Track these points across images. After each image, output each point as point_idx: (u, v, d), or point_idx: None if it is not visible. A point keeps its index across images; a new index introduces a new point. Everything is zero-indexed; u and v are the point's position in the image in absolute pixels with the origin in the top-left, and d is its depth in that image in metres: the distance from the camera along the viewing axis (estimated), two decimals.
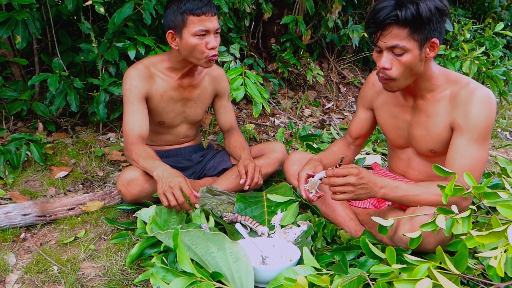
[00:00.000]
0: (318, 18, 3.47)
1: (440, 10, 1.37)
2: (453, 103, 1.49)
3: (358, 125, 1.85)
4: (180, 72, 1.91)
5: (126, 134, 1.83)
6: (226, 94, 2.14)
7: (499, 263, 0.93)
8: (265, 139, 2.88)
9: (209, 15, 1.73)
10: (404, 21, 1.34)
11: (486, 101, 1.43)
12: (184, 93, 1.97)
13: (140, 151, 1.74)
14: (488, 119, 1.43)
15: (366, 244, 1.37)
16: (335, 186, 1.42)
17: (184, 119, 2.04)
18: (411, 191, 1.44)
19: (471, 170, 1.40)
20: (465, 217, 1.07)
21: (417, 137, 1.62)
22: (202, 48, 1.76)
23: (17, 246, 1.63)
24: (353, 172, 1.39)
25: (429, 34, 1.38)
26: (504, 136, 3.32)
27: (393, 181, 1.46)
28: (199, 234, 1.31)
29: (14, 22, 2.11)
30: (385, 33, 1.38)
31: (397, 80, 1.44)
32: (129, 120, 1.83)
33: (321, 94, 3.78)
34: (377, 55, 1.47)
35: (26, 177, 2.11)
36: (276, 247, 1.55)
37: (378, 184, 1.42)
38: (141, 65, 1.88)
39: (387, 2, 1.38)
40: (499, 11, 4.98)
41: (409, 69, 1.42)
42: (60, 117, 2.65)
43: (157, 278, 1.24)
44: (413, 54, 1.39)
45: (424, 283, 0.93)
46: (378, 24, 1.39)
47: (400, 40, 1.37)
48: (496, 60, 3.72)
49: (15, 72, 2.53)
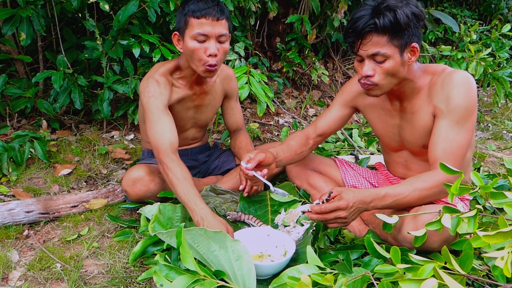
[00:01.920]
0: (324, 17, 3.46)
1: (416, 16, 1.40)
2: (432, 91, 1.49)
3: (330, 122, 1.80)
4: (190, 79, 1.83)
5: (158, 145, 1.66)
6: (235, 94, 2.09)
7: (506, 264, 0.91)
8: (269, 139, 2.87)
9: (210, 19, 1.62)
10: (383, 28, 1.36)
11: (465, 82, 1.43)
12: (196, 100, 1.91)
13: (177, 173, 1.59)
14: (468, 100, 1.43)
15: (370, 243, 1.36)
16: (326, 221, 1.38)
17: (194, 123, 2.01)
18: (398, 195, 1.39)
19: (454, 153, 1.41)
20: (471, 216, 1.05)
21: (407, 137, 1.61)
22: (200, 55, 1.65)
23: (20, 243, 1.63)
24: (341, 206, 1.33)
25: (409, 40, 1.40)
26: (509, 137, 3.29)
27: (380, 190, 1.40)
28: (200, 233, 1.30)
29: (19, 19, 2.12)
30: (365, 42, 1.40)
31: (380, 85, 1.45)
32: (159, 129, 1.68)
33: (326, 94, 3.77)
34: (358, 64, 1.48)
35: (30, 175, 2.11)
36: (271, 236, 1.56)
37: (367, 202, 1.37)
38: (157, 73, 1.77)
39: (364, 11, 1.41)
40: (506, 12, 4.96)
41: (391, 74, 1.44)
42: (64, 114, 2.65)
43: (160, 276, 1.24)
44: (395, 60, 1.41)
45: (430, 283, 0.92)
46: (357, 33, 1.40)
47: (380, 48, 1.39)
48: (502, 62, 3.70)
49: (19, 69, 2.53)
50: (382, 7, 1.38)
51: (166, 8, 2.32)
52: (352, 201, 1.34)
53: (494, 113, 3.91)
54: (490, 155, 2.82)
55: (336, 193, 1.37)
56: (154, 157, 1.73)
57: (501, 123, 3.62)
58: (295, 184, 1.86)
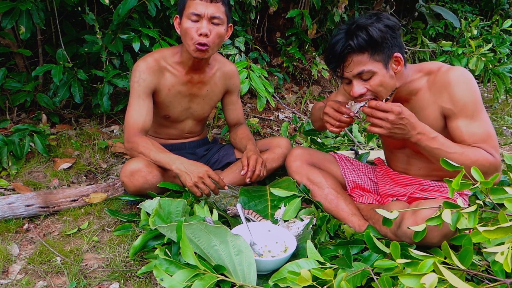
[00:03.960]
0: (324, 12, 3.45)
1: (391, 27, 1.41)
2: (433, 91, 1.50)
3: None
4: (187, 65, 1.87)
5: (129, 126, 1.81)
6: (236, 90, 2.10)
7: (506, 259, 0.92)
8: (269, 133, 2.87)
9: (204, 0, 1.69)
10: (360, 48, 1.39)
11: (463, 78, 1.45)
12: (192, 89, 1.94)
13: (148, 144, 1.75)
14: (473, 94, 1.44)
15: (370, 238, 1.36)
16: (374, 118, 1.41)
17: (190, 114, 2.02)
18: (446, 147, 1.41)
19: (485, 140, 1.43)
20: (472, 211, 1.06)
21: None
22: (191, 33, 1.72)
23: (20, 237, 1.63)
24: (395, 110, 1.37)
25: (389, 51, 1.42)
26: (509, 133, 3.29)
27: (433, 131, 1.44)
28: (201, 227, 1.30)
29: (18, 12, 2.11)
30: (347, 64, 1.42)
31: (377, 96, 1.46)
32: (134, 113, 1.82)
33: (326, 89, 3.76)
34: (347, 87, 1.50)
35: (30, 168, 2.11)
36: (272, 232, 1.57)
37: (417, 129, 1.41)
38: (151, 58, 1.85)
39: (339, 35, 1.44)
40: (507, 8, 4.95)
41: (382, 87, 1.44)
42: (64, 108, 2.64)
43: (160, 270, 1.24)
44: (381, 74, 1.42)
45: (430, 277, 0.92)
46: (337, 57, 1.43)
47: (364, 66, 1.41)
48: (503, 57, 3.69)
49: (18, 63, 2.52)
50: (353, 27, 1.41)
51: (166, 2, 2.31)
52: (407, 113, 1.38)
53: (494, 109, 3.91)
54: None
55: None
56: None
57: (501, 119, 3.62)
58: (294, 179, 1.86)
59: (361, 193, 1.87)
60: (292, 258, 1.39)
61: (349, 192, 1.88)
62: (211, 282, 1.21)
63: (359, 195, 1.86)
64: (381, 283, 1.09)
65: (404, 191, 1.73)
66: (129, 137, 1.80)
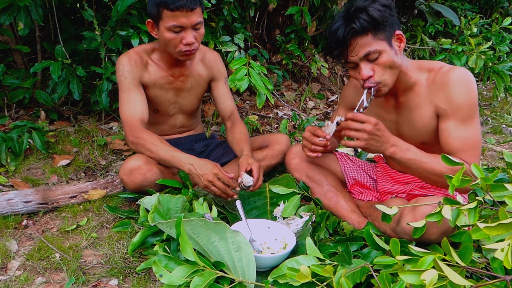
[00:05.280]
0: (324, 9, 3.44)
1: (387, 6, 1.43)
2: (431, 90, 1.50)
3: None
4: (168, 62, 1.86)
5: (128, 121, 1.77)
6: (222, 78, 2.04)
7: (506, 256, 0.91)
8: (268, 131, 2.87)
9: (184, 10, 1.62)
10: (363, 29, 1.39)
11: (464, 80, 1.44)
12: (176, 83, 1.92)
13: (154, 141, 1.73)
14: (470, 97, 1.44)
15: (370, 235, 1.36)
16: (350, 130, 1.42)
17: (179, 109, 2.01)
18: (419, 157, 1.43)
19: (468, 148, 1.44)
20: (472, 208, 1.05)
21: (405, 134, 1.61)
22: (176, 43, 1.69)
23: (19, 233, 1.63)
24: (372, 121, 1.39)
25: (391, 29, 1.43)
26: (508, 131, 3.29)
27: (405, 143, 1.45)
28: (200, 223, 1.29)
29: (17, 8, 2.10)
30: (351, 48, 1.42)
31: (383, 81, 1.46)
32: (128, 107, 1.78)
33: (325, 86, 3.76)
34: (354, 71, 1.50)
35: (28, 165, 2.10)
36: (271, 229, 1.57)
37: (390, 142, 1.43)
38: (132, 51, 1.84)
39: (338, 22, 1.44)
40: (507, 6, 4.94)
41: (390, 67, 1.45)
42: (63, 105, 2.64)
43: (160, 266, 1.23)
44: (387, 52, 1.43)
45: (430, 274, 0.92)
46: (341, 43, 1.43)
47: (369, 46, 1.41)
48: (502, 55, 3.69)
49: (17, 59, 2.51)
50: (351, 11, 1.41)
51: None
52: (382, 126, 1.40)
53: (493, 107, 3.91)
54: (489, 148, 2.83)
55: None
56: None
57: (500, 117, 3.62)
58: (294, 176, 1.86)
59: (361, 190, 1.86)
60: (291, 255, 1.39)
61: (349, 189, 1.88)
62: (210, 279, 1.21)
63: (359, 192, 1.86)
64: (380, 280, 1.09)
65: (403, 188, 1.73)
66: (133, 133, 1.76)
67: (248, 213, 1.72)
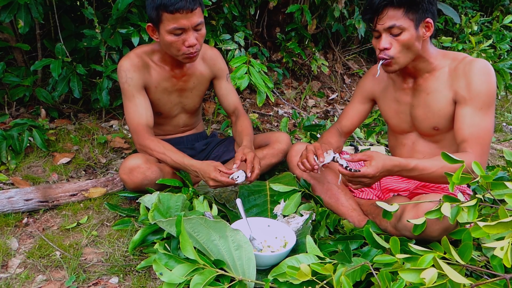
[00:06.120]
0: (324, 7, 3.43)
1: None
2: (453, 77, 1.53)
3: (353, 119, 1.87)
4: (170, 63, 1.85)
5: (134, 129, 1.79)
6: (223, 74, 2.03)
7: (506, 254, 0.92)
8: (269, 129, 2.87)
9: (184, 12, 1.60)
10: (398, 2, 1.43)
11: (485, 70, 1.48)
12: (178, 84, 1.91)
13: (162, 148, 1.77)
14: (490, 87, 1.47)
15: (370, 233, 1.36)
16: (352, 182, 1.46)
17: (182, 109, 2.00)
18: (426, 170, 1.42)
19: (480, 137, 1.45)
20: (471, 206, 1.05)
21: (419, 117, 1.63)
22: (178, 46, 1.68)
23: (19, 231, 1.63)
24: (368, 175, 1.39)
25: (423, 14, 1.46)
26: (509, 130, 3.29)
27: (409, 162, 1.42)
28: (200, 222, 1.30)
29: (17, 6, 2.09)
30: (381, 16, 1.47)
31: (397, 58, 1.50)
32: (134, 115, 1.79)
33: (326, 84, 3.75)
34: (376, 41, 1.54)
35: (29, 163, 2.10)
36: (271, 227, 1.57)
37: (394, 169, 1.42)
38: (133, 54, 1.81)
39: None
40: (507, 4, 4.92)
41: (407, 47, 1.48)
42: (63, 103, 2.64)
43: (160, 265, 1.24)
44: (410, 32, 1.46)
45: (429, 272, 0.92)
46: (374, 9, 1.47)
47: (396, 20, 1.45)
48: (503, 54, 3.68)
49: (17, 57, 2.51)
50: None
51: None
52: (380, 171, 1.40)
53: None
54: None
55: (366, 158, 1.42)
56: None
57: (500, 115, 3.62)
58: (295, 174, 1.85)
59: (362, 188, 1.86)
60: (291, 253, 1.39)
61: (349, 187, 1.88)
62: (211, 277, 1.21)
63: (359, 190, 1.86)
64: (380, 278, 1.09)
65: (405, 186, 1.73)
66: (140, 141, 1.80)
67: (248, 211, 1.72)
